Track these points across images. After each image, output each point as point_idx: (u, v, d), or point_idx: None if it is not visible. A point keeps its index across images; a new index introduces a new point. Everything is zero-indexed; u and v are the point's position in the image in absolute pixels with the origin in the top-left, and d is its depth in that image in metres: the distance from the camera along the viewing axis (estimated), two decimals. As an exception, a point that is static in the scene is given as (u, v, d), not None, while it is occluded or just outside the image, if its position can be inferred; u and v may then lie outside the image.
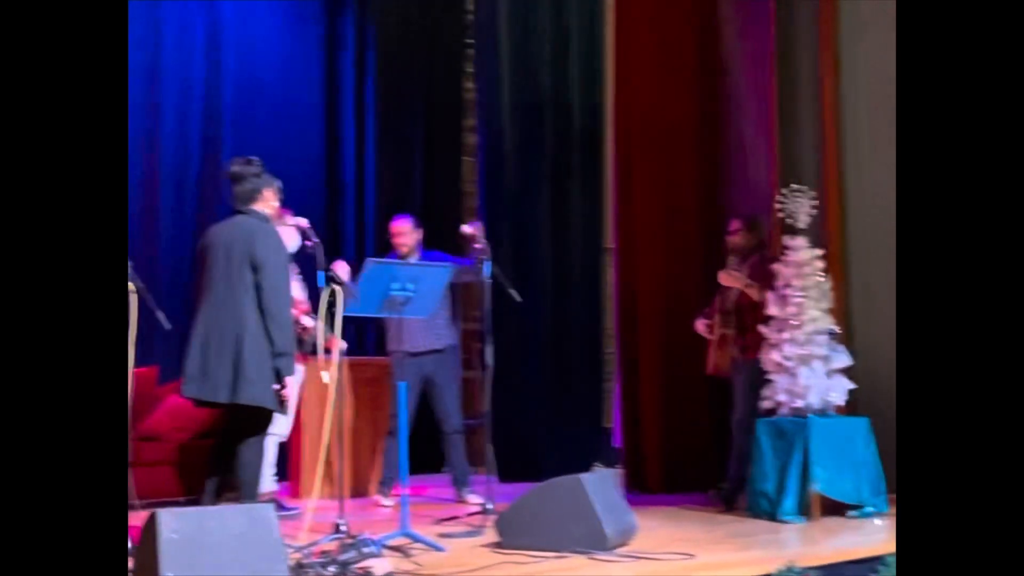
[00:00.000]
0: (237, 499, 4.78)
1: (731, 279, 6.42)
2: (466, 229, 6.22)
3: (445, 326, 6.95)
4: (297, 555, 4.36)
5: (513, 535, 4.93)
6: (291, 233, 6.38)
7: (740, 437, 6.32)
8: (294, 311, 6.04)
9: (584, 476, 4.95)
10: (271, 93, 9.04)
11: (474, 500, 6.66)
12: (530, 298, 8.90)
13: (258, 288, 4.72)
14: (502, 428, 8.91)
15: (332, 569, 4.18)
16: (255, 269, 4.73)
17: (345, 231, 9.38)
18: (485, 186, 9.04)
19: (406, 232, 6.99)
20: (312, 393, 7.51)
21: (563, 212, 8.95)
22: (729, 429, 6.46)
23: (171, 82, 8.48)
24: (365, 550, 4.40)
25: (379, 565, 4.23)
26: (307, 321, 6.12)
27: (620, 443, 8.07)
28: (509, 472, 7.77)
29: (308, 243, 5.28)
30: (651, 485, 7.39)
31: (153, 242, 8.09)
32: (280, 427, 6.20)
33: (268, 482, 6.32)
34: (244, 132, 8.84)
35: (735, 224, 6.65)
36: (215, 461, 4.89)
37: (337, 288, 4.99)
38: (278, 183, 5.05)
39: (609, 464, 8.08)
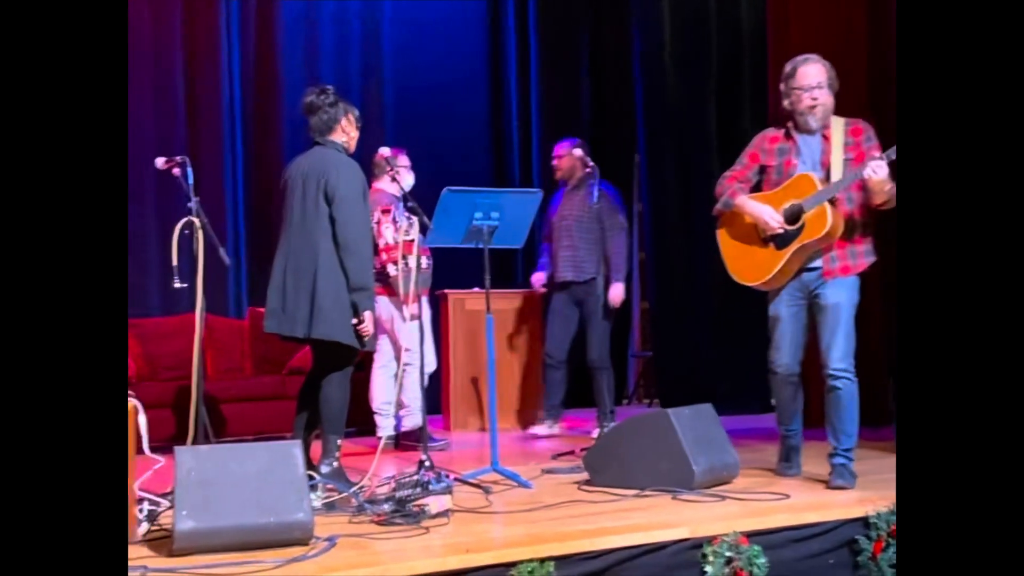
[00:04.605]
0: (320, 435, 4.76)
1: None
2: (576, 152, 5.91)
3: (586, 258, 6.70)
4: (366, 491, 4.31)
5: (600, 472, 4.71)
6: (404, 173, 6.25)
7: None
8: (383, 256, 5.93)
9: (674, 410, 4.66)
10: (430, 17, 8.96)
11: None
12: (694, 225, 8.50)
13: (332, 220, 4.61)
14: (670, 359, 8.64)
15: (387, 506, 4.09)
16: (329, 201, 4.62)
17: (511, 160, 9.23)
18: (644, 105, 8.63)
19: (561, 156, 6.81)
20: (460, 327, 7.48)
21: (731, 132, 8.45)
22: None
23: (327, 20, 8.55)
24: (433, 487, 4.29)
25: (438, 502, 4.08)
26: (391, 270, 5.94)
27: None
28: (678, 404, 7.45)
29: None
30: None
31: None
32: (419, 360, 6.06)
33: (417, 417, 6.24)
34: (404, 63, 8.84)
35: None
36: (302, 397, 4.86)
37: (414, 220, 4.84)
38: (355, 112, 4.89)
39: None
